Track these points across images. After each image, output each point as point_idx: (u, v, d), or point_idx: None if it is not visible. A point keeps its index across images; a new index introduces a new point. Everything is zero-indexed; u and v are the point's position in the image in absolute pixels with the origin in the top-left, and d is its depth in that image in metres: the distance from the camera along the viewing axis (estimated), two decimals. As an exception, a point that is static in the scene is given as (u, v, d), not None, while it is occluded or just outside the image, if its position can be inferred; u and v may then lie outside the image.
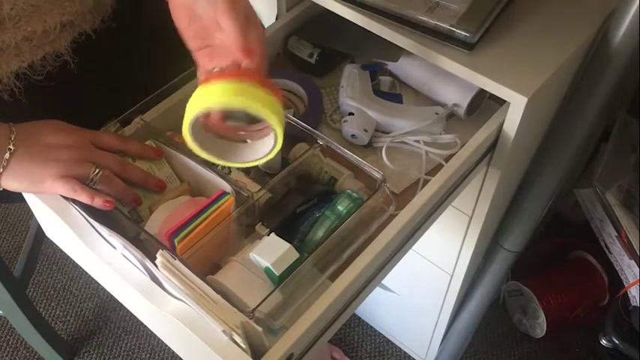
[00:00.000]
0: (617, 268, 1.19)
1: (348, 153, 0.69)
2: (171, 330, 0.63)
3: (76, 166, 0.63)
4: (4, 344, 1.49)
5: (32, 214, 0.75)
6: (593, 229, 1.21)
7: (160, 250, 0.58)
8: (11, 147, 0.63)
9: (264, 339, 0.55)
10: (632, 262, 1.13)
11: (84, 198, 0.63)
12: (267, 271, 0.60)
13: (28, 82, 0.75)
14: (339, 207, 0.66)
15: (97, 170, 0.64)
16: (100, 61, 0.80)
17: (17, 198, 0.70)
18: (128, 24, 0.82)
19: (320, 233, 0.66)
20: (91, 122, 0.69)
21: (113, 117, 0.71)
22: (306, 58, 0.91)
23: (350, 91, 0.85)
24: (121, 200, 0.66)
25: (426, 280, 1.17)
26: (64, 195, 0.64)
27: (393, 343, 1.50)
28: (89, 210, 0.63)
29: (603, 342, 1.32)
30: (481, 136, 0.76)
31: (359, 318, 1.53)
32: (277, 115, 0.56)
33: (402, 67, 0.89)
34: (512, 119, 0.76)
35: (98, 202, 0.63)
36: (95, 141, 0.67)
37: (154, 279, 0.61)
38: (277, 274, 0.60)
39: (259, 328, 0.54)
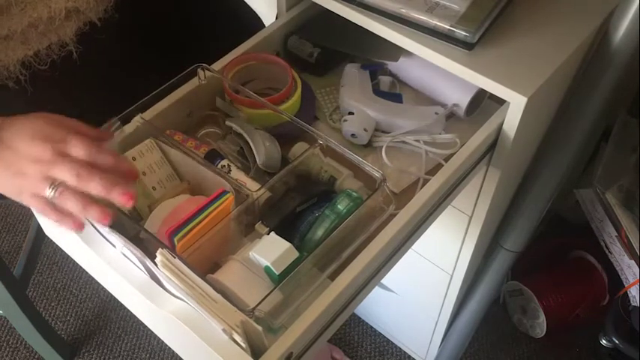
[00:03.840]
0: (617, 268, 1.19)
1: (348, 152, 0.69)
2: (170, 329, 0.63)
3: (38, 185, 0.59)
4: (4, 344, 1.49)
5: (32, 214, 0.75)
6: (593, 229, 1.21)
7: (160, 249, 0.58)
8: None
9: (264, 338, 0.55)
10: (632, 262, 1.13)
11: (52, 219, 0.59)
12: (267, 270, 0.61)
13: (33, 72, 0.75)
14: (338, 206, 0.66)
15: (54, 187, 0.58)
16: (103, 52, 0.80)
17: None
18: (130, 15, 0.82)
19: (320, 232, 0.66)
20: (91, 115, 0.69)
21: (114, 115, 0.71)
22: (306, 58, 0.91)
23: (350, 90, 0.85)
24: (86, 218, 0.60)
25: (426, 280, 1.17)
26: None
27: (393, 343, 1.50)
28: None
29: (603, 342, 1.32)
30: (481, 135, 0.76)
31: (359, 318, 1.53)
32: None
33: (402, 67, 0.89)
34: (512, 119, 0.76)
35: (66, 225, 0.59)
36: (67, 149, 0.60)
37: (154, 278, 0.62)
38: (277, 273, 0.60)
39: (259, 327, 0.54)
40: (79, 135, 0.60)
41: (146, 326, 0.72)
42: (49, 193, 0.58)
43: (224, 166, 0.72)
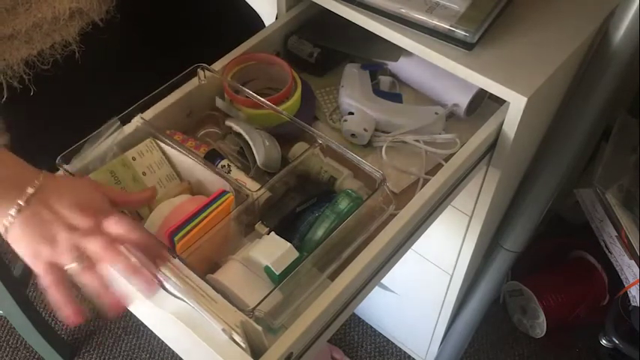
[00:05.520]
0: (617, 268, 1.19)
1: (348, 152, 0.69)
2: (170, 329, 0.63)
3: (63, 253, 0.56)
4: (4, 344, 1.49)
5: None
6: (593, 229, 1.21)
7: (160, 249, 0.58)
8: (21, 202, 0.56)
9: (264, 338, 0.55)
10: (632, 262, 1.13)
11: (56, 299, 0.55)
12: (267, 270, 0.61)
13: (36, 71, 0.76)
14: (338, 206, 0.66)
15: (81, 260, 0.56)
16: (104, 52, 0.81)
17: None
18: (131, 16, 0.82)
19: (319, 232, 0.66)
20: (92, 114, 0.69)
21: (114, 115, 0.71)
22: (306, 58, 0.91)
23: (350, 90, 0.85)
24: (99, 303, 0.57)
25: (426, 280, 1.17)
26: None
27: (393, 343, 1.50)
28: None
29: (603, 342, 1.32)
30: (481, 135, 0.76)
31: (359, 318, 1.53)
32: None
33: (402, 67, 0.89)
34: (512, 119, 0.76)
35: (64, 314, 0.56)
36: (107, 224, 0.57)
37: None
38: (277, 273, 0.60)
39: (259, 327, 0.54)
40: (120, 213, 0.58)
41: (146, 326, 0.72)
42: (73, 265, 0.55)
43: (224, 166, 0.72)
